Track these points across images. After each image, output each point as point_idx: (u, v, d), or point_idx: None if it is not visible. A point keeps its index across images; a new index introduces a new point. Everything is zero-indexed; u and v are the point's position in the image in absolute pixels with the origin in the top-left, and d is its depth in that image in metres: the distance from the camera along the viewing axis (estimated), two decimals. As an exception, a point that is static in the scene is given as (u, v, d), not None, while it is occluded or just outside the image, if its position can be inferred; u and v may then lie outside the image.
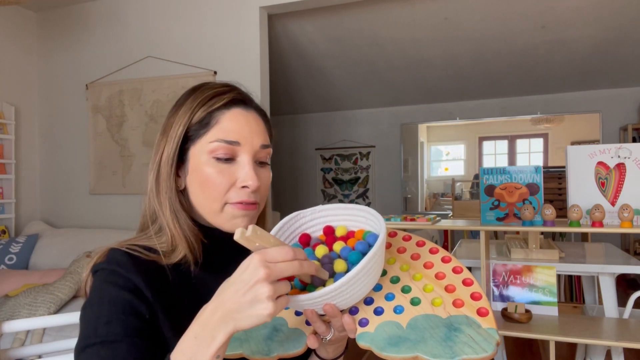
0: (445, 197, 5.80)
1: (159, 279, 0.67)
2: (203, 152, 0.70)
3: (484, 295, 0.55)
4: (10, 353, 1.14)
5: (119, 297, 0.63)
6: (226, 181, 0.69)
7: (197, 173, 0.70)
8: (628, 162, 1.51)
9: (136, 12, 3.30)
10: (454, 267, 0.59)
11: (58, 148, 3.56)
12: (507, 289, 1.75)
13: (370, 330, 0.55)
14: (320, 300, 0.52)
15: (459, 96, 5.16)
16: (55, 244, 3.04)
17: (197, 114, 0.70)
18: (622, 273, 1.97)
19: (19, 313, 2.14)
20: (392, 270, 0.62)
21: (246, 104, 0.73)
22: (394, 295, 0.58)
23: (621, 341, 1.46)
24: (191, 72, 3.08)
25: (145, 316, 0.63)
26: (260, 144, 0.72)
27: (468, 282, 0.57)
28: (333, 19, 3.46)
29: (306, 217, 0.65)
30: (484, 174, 1.66)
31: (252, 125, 0.72)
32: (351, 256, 0.56)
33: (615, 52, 3.88)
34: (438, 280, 0.58)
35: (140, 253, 0.68)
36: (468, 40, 3.72)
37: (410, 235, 0.67)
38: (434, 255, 0.62)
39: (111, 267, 0.65)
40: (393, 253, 0.64)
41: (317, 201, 5.97)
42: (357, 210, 0.63)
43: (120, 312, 0.62)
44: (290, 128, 6.06)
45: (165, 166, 0.72)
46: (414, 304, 0.56)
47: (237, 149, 0.70)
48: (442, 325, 0.53)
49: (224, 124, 0.70)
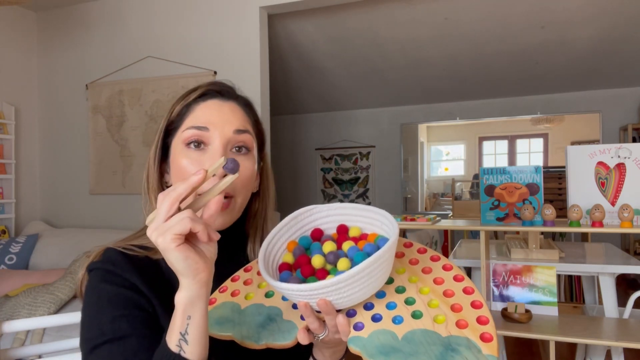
0: (445, 197, 5.80)
1: (154, 274, 0.68)
2: (179, 142, 0.71)
3: (491, 320, 0.53)
4: (10, 353, 1.14)
5: (119, 294, 0.63)
6: (195, 169, 0.68)
7: (174, 164, 0.71)
8: (628, 162, 1.51)
9: (136, 12, 3.30)
10: (465, 287, 0.58)
11: (58, 148, 3.56)
12: (507, 289, 1.75)
13: (364, 336, 0.54)
14: (316, 293, 0.51)
15: (459, 96, 5.16)
16: (55, 244, 3.04)
17: (175, 109, 0.73)
18: (622, 273, 1.97)
19: (19, 313, 2.14)
20: (399, 279, 0.60)
21: (223, 95, 0.73)
22: (396, 304, 0.57)
23: (621, 341, 1.46)
24: (191, 72, 3.08)
25: (147, 309, 0.64)
26: (233, 130, 0.70)
27: (477, 304, 0.55)
28: (333, 19, 3.46)
29: (322, 212, 0.65)
30: (484, 174, 1.66)
31: (224, 113, 0.71)
32: (357, 256, 0.55)
33: (615, 52, 3.88)
34: (445, 297, 0.57)
35: (135, 251, 0.69)
36: (468, 40, 3.72)
37: (426, 248, 0.65)
38: (446, 272, 0.60)
39: (107, 267, 0.66)
40: (404, 263, 0.63)
41: (317, 201, 5.97)
42: (373, 213, 0.62)
43: (123, 308, 0.62)
44: (290, 128, 6.06)
45: (151, 163, 0.74)
46: (415, 317, 0.55)
47: (207, 134, 0.69)
48: (440, 343, 0.51)
49: (197, 112, 0.71)
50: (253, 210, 0.79)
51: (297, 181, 6.05)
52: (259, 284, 0.65)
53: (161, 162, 0.75)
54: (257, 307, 0.62)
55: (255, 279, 0.66)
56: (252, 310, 0.62)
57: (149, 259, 0.69)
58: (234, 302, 0.64)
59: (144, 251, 0.70)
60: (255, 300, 0.63)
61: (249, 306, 0.62)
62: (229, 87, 0.76)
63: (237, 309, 0.62)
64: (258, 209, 0.80)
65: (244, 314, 0.62)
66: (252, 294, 0.64)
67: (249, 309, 0.62)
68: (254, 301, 0.63)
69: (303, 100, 5.43)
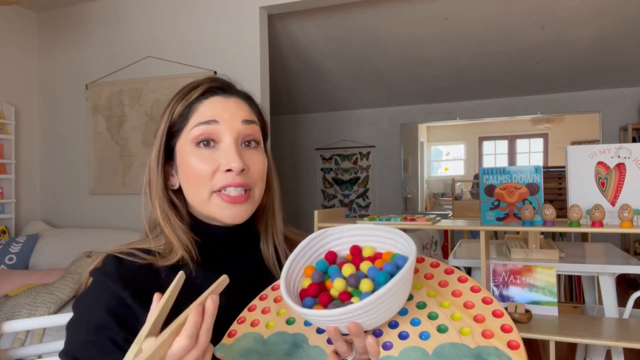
0: (445, 197, 5.80)
1: (150, 284, 0.66)
2: (186, 142, 0.69)
3: (514, 327, 0.54)
4: (10, 353, 1.14)
5: (97, 318, 0.64)
6: (209, 167, 0.67)
7: (183, 166, 0.70)
8: (628, 162, 1.51)
9: (136, 12, 3.30)
10: (484, 297, 0.58)
11: (58, 148, 3.56)
12: (507, 289, 1.75)
13: (394, 355, 0.54)
14: (346, 317, 0.51)
15: (459, 96, 5.16)
16: (55, 244, 3.04)
17: (177, 109, 0.71)
18: (622, 273, 1.97)
19: (19, 313, 2.14)
20: (418, 295, 0.60)
21: (225, 92, 0.72)
22: (420, 320, 0.56)
23: (621, 341, 1.46)
24: (191, 72, 3.08)
25: (118, 342, 0.63)
26: (241, 120, 0.70)
27: (498, 313, 0.55)
28: (333, 19, 3.46)
29: (334, 235, 0.64)
30: (484, 174, 1.66)
31: (230, 107, 0.70)
32: (379, 276, 0.55)
33: (615, 52, 3.88)
34: (467, 309, 0.57)
35: (137, 257, 0.68)
36: (468, 40, 3.72)
37: (439, 262, 0.65)
38: (462, 284, 0.60)
39: (100, 277, 0.67)
40: (420, 279, 0.63)
41: (317, 201, 5.97)
42: (385, 232, 0.62)
43: (96, 334, 0.63)
44: (290, 128, 6.06)
45: (154, 166, 0.72)
46: (441, 331, 0.54)
47: (217, 129, 0.68)
48: (471, 355, 0.51)
49: (201, 110, 0.69)
50: (261, 205, 0.78)
51: (297, 181, 6.05)
52: (278, 311, 0.64)
53: (164, 165, 0.74)
54: (280, 335, 0.61)
55: (273, 307, 0.65)
56: (275, 339, 0.61)
57: (150, 266, 0.68)
58: (255, 333, 0.62)
59: (148, 256, 0.69)
60: (277, 328, 0.62)
61: (272, 335, 0.61)
62: (229, 83, 0.75)
63: (260, 339, 0.61)
64: (266, 203, 0.79)
65: (268, 343, 0.60)
66: (272, 322, 0.63)
67: (272, 338, 0.61)
68: (276, 329, 0.62)
69: (303, 100, 5.43)
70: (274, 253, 0.78)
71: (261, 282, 0.72)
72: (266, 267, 0.77)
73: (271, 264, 0.77)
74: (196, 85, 0.72)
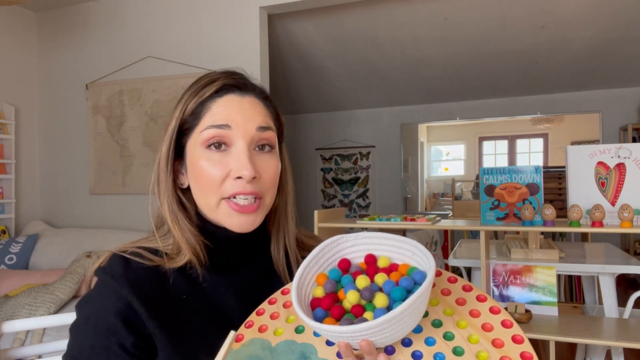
0: (445, 197, 5.80)
1: (157, 287, 0.65)
2: (197, 143, 0.66)
3: (535, 356, 0.51)
4: (10, 353, 1.14)
5: (105, 321, 0.62)
6: (219, 172, 0.64)
7: (193, 168, 0.67)
8: (628, 162, 1.51)
9: (136, 12, 3.30)
10: (503, 320, 0.55)
11: (58, 148, 3.56)
12: (507, 289, 1.75)
13: None
14: (359, 335, 0.49)
15: (459, 96, 5.16)
16: (55, 244, 3.04)
17: (189, 106, 0.67)
18: (622, 273, 1.97)
19: (19, 313, 2.14)
20: (434, 312, 0.57)
21: (241, 89, 0.68)
22: (435, 340, 0.54)
23: (621, 341, 1.46)
24: (191, 72, 3.08)
25: (126, 346, 0.62)
26: (256, 127, 0.66)
27: (518, 339, 0.53)
28: (333, 19, 3.46)
29: (348, 242, 0.62)
30: (484, 174, 1.66)
31: (245, 109, 0.67)
32: (395, 292, 0.52)
33: (615, 52, 3.88)
34: (485, 332, 0.54)
35: (144, 258, 0.66)
36: (468, 40, 3.72)
37: (457, 277, 0.63)
38: (481, 303, 0.58)
39: (106, 278, 0.64)
40: (437, 294, 0.60)
41: (317, 201, 5.97)
42: (402, 243, 0.59)
43: (105, 339, 0.61)
44: (290, 128, 6.06)
45: (163, 165, 0.69)
46: (457, 353, 0.52)
47: (229, 134, 0.65)
48: None
49: (215, 110, 0.66)
50: (273, 207, 0.74)
51: (297, 181, 6.05)
52: (287, 317, 0.62)
53: (173, 162, 0.70)
54: (288, 344, 0.59)
55: (282, 312, 0.63)
56: (283, 347, 0.58)
57: (157, 269, 0.66)
58: (263, 339, 0.60)
59: (155, 257, 0.67)
60: (285, 336, 0.60)
61: (280, 343, 0.59)
62: (245, 79, 0.71)
63: (267, 347, 0.59)
64: (278, 205, 0.75)
65: (275, 352, 0.58)
66: (281, 329, 0.61)
67: (280, 346, 0.59)
68: (284, 337, 0.60)
69: (303, 100, 5.43)
70: (284, 257, 0.75)
71: (270, 285, 0.70)
72: (275, 270, 0.74)
73: (280, 268, 0.74)
74: (211, 81, 0.68)
